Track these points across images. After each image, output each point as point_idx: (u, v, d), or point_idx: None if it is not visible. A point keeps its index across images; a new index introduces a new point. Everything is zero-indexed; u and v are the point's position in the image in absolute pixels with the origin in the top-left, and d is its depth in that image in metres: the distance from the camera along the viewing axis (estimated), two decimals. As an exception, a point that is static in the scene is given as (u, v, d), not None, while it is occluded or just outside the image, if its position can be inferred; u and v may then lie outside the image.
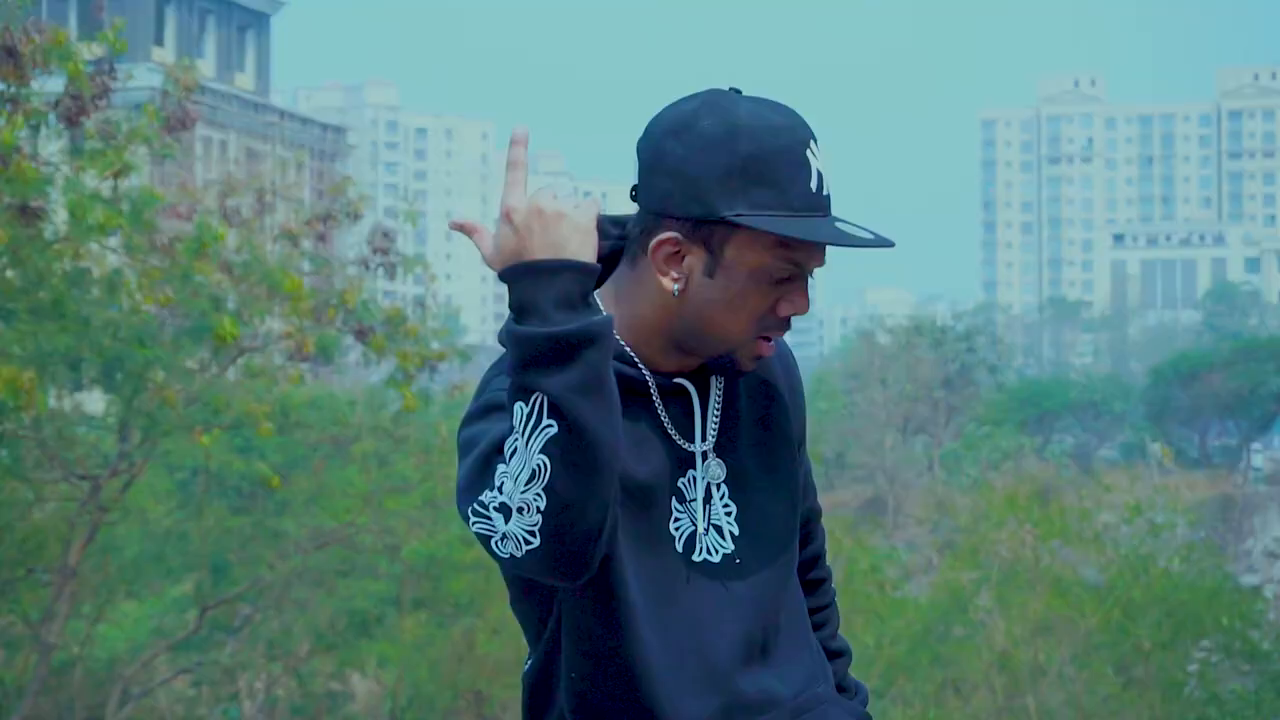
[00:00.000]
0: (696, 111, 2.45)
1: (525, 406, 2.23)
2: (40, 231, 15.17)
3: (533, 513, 2.21)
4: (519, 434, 2.23)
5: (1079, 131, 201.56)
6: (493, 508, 2.25)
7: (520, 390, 2.24)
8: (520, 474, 2.22)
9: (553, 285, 2.26)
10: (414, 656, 24.93)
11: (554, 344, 2.22)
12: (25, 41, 13.20)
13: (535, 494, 2.21)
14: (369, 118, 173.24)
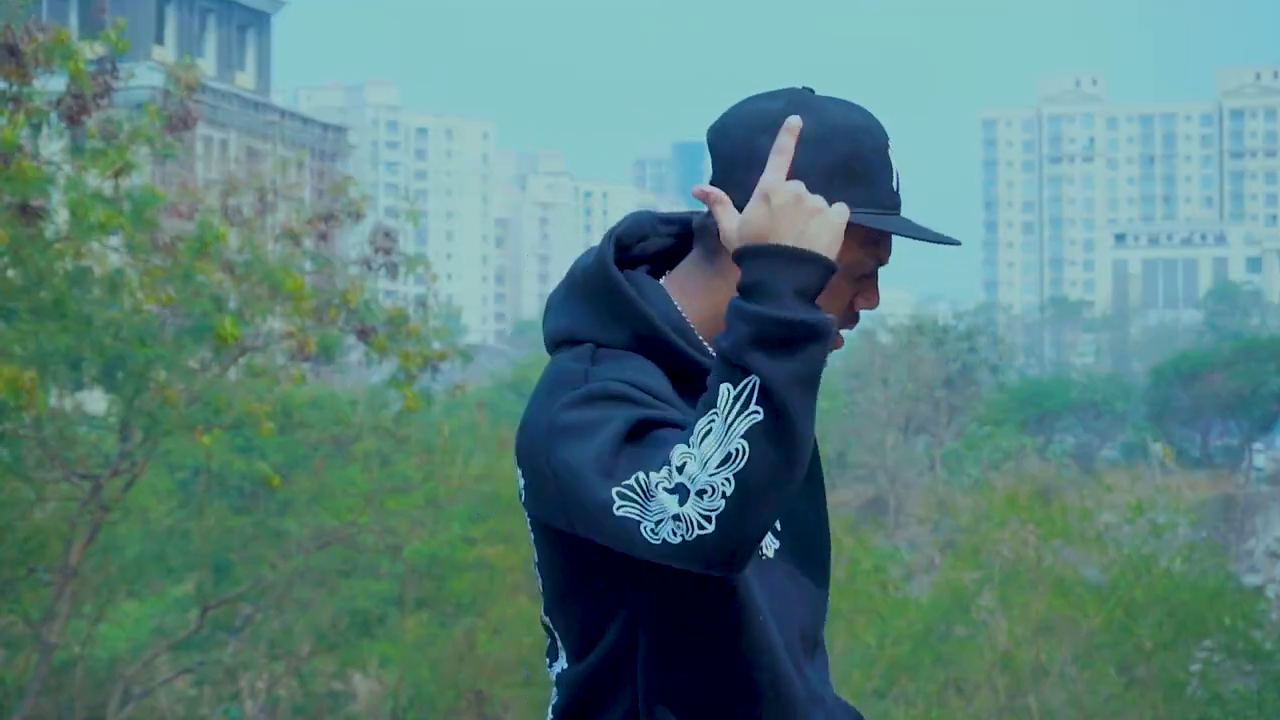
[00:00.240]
0: (791, 108, 2.44)
1: (734, 388, 2.17)
2: (41, 231, 15.15)
3: (716, 497, 2.14)
4: (719, 415, 2.16)
5: (1080, 131, 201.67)
6: (662, 489, 2.16)
7: (733, 370, 2.18)
8: (712, 457, 2.15)
9: (796, 273, 2.22)
10: (415, 656, 24.93)
11: (787, 330, 2.19)
12: (27, 40, 13.18)
13: (724, 479, 2.14)
14: (369, 117, 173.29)
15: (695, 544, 2.15)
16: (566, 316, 2.44)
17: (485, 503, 26.08)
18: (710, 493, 2.14)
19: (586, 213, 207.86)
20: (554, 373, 2.40)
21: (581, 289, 2.46)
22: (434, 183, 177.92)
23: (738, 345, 2.19)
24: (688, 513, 2.15)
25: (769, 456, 2.15)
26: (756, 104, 2.49)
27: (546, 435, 2.31)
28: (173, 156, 17.39)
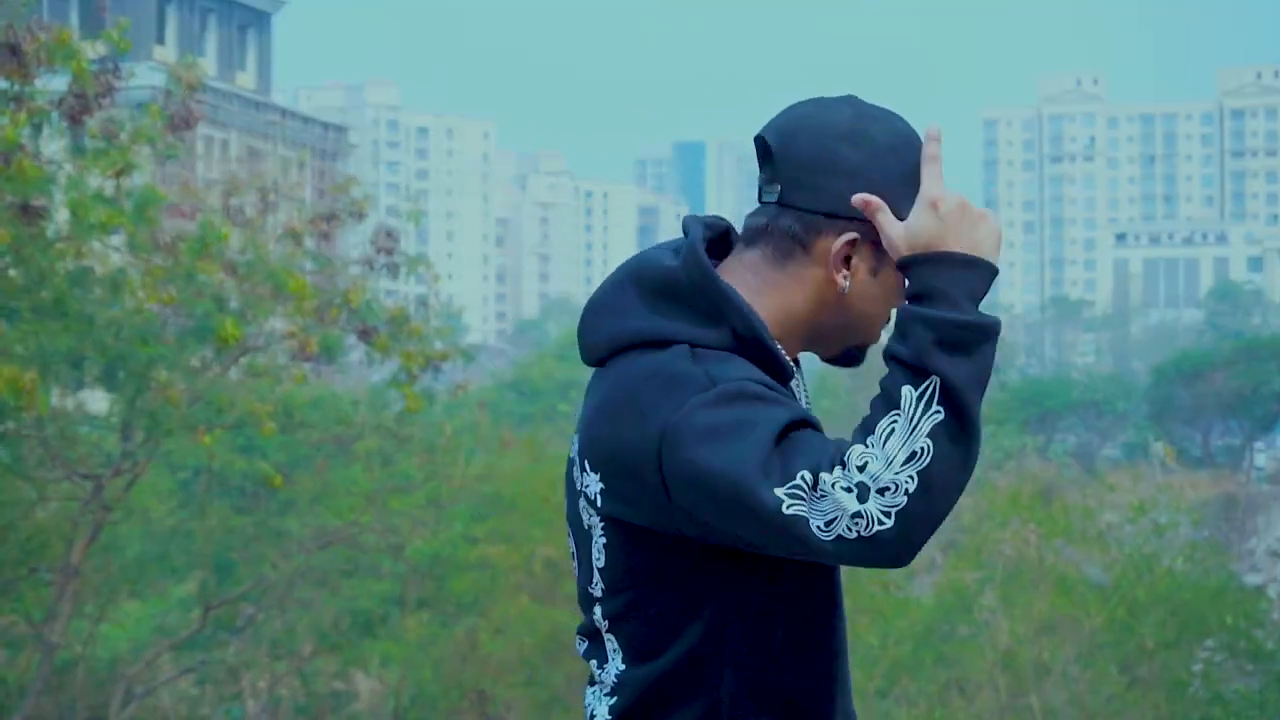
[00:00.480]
0: (861, 118, 2.50)
1: (915, 390, 2.27)
2: (43, 230, 15.16)
3: (899, 494, 2.22)
4: (902, 416, 2.26)
5: (1081, 131, 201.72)
6: (838, 488, 2.23)
7: (914, 373, 2.28)
8: (896, 455, 2.23)
9: (968, 278, 2.34)
10: (417, 656, 24.92)
11: (967, 332, 2.30)
12: (29, 39, 13.18)
13: (908, 476, 2.22)
14: (370, 117, 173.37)
15: (870, 539, 2.23)
16: (646, 318, 2.45)
17: (487, 502, 26.09)
18: (893, 490, 2.22)
19: (587, 212, 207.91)
20: (657, 373, 2.40)
21: (668, 289, 2.47)
22: (434, 182, 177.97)
23: (919, 349, 2.29)
24: (869, 509, 2.22)
25: (951, 454, 2.25)
26: (821, 111, 2.52)
27: (674, 437, 2.31)
28: (175, 157, 17.40)
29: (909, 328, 2.32)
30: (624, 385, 2.42)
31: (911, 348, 2.30)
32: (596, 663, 2.58)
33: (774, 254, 2.53)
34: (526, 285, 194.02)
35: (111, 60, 14.87)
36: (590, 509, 2.49)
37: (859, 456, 2.24)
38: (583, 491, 2.49)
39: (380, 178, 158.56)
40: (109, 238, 16.46)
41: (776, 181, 2.51)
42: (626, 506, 2.43)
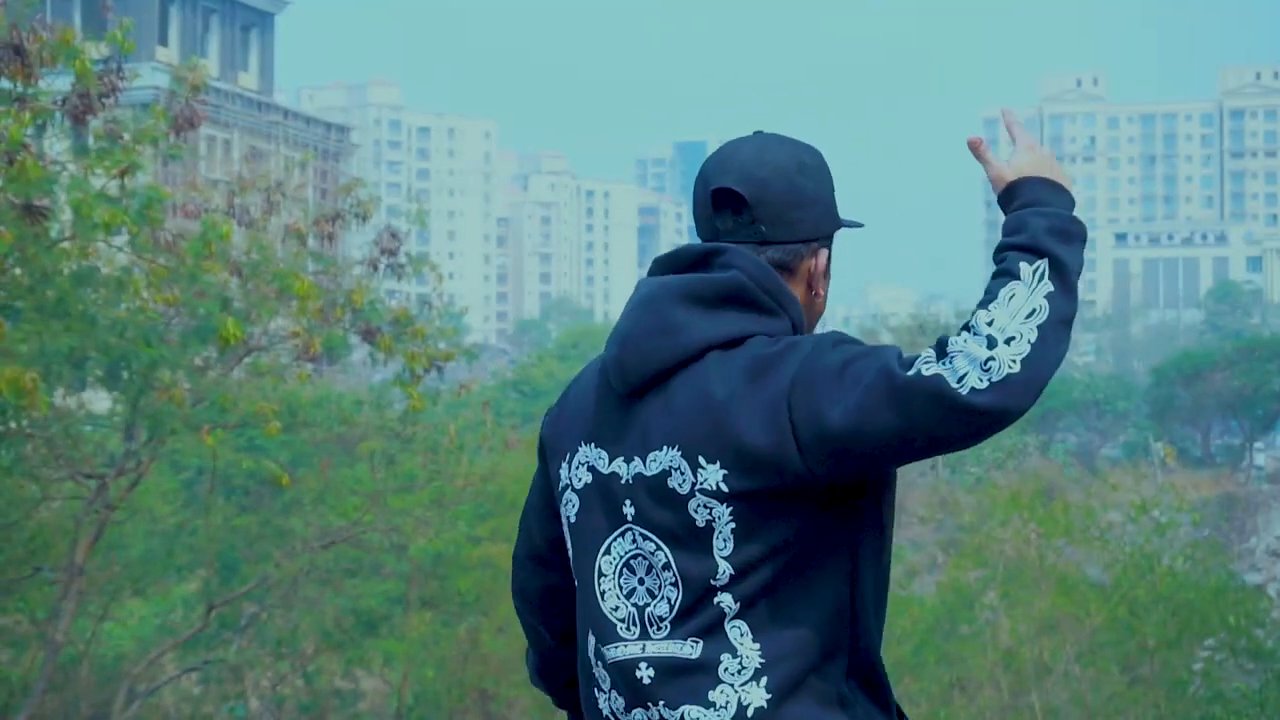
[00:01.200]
0: (797, 151, 2.88)
1: (1031, 265, 2.66)
2: (46, 230, 15.18)
3: (1023, 343, 2.58)
4: (1022, 283, 2.64)
5: (1081, 131, 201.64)
6: (969, 343, 2.57)
7: (1031, 252, 2.68)
8: (1020, 311, 2.60)
9: (1066, 200, 2.83)
10: (420, 655, 24.95)
11: (1073, 225, 2.75)
12: (33, 39, 13.21)
13: (1031, 328, 2.59)
14: (372, 117, 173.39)
15: (1003, 383, 2.55)
16: (714, 326, 2.73)
17: (490, 502, 26.12)
18: (1018, 339, 2.58)
19: (588, 212, 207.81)
20: (755, 359, 2.70)
21: (732, 295, 2.75)
22: (436, 182, 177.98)
23: (1035, 235, 2.71)
24: (999, 354, 2.57)
25: (1060, 315, 2.63)
26: (767, 155, 2.86)
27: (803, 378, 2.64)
28: (178, 158, 17.43)
29: (1025, 221, 2.75)
30: (722, 379, 2.69)
31: (1028, 235, 2.71)
32: (709, 657, 2.69)
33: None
34: (527, 285, 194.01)
35: (115, 60, 14.89)
36: (712, 501, 2.67)
37: (985, 316, 2.61)
38: (696, 492, 2.68)
39: (382, 177, 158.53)
40: (112, 238, 16.48)
41: (758, 224, 2.82)
42: (759, 476, 2.65)
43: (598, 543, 2.80)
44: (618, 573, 2.77)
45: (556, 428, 2.95)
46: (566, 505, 2.88)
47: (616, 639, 2.77)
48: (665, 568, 2.72)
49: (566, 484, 2.87)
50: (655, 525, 2.72)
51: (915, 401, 2.54)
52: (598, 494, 2.80)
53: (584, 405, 2.87)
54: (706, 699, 2.68)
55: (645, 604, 2.74)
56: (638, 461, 2.74)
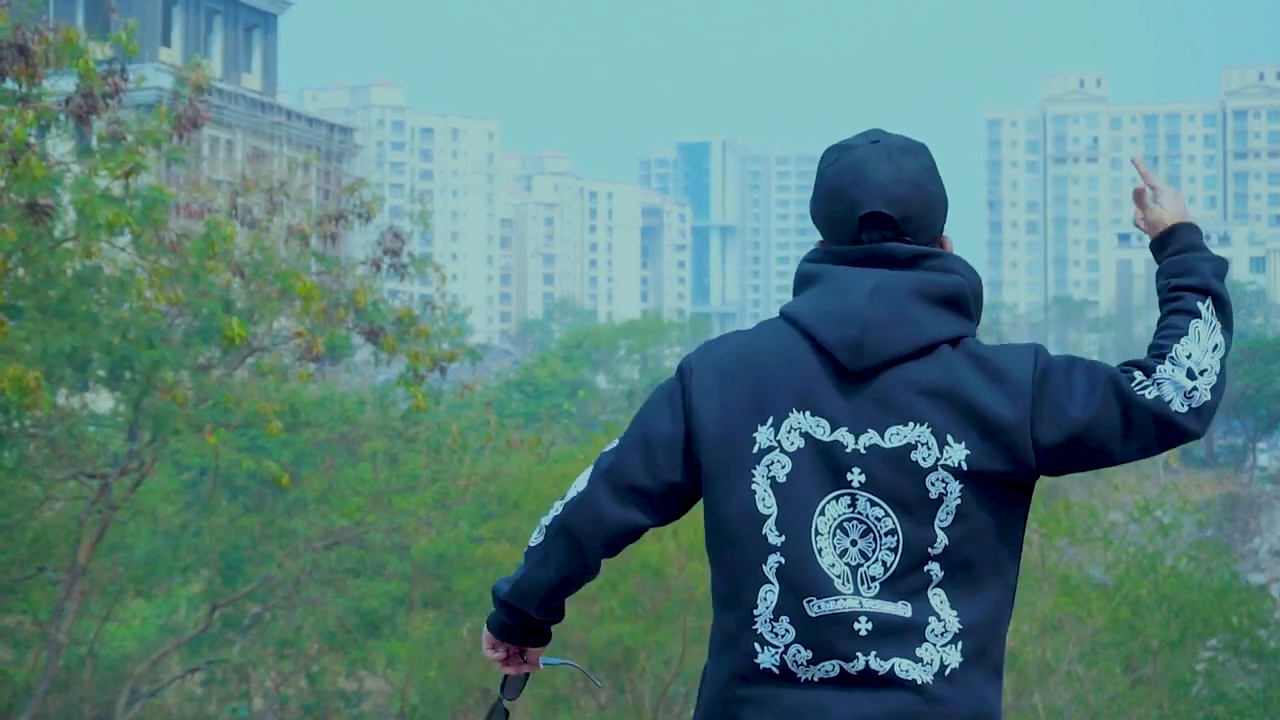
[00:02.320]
0: (920, 157, 3.22)
1: (1205, 305, 3.18)
2: (50, 230, 15.18)
3: (1212, 375, 3.11)
4: (1205, 321, 3.17)
5: (1084, 131, 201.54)
6: (1174, 373, 3.09)
7: (1203, 294, 3.20)
8: (1208, 346, 3.13)
9: (1205, 241, 3.34)
10: (423, 654, 24.94)
11: (1224, 267, 3.28)
12: (38, 40, 13.21)
13: (1215, 360, 3.13)
14: (375, 118, 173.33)
15: (1201, 408, 3.08)
16: (950, 323, 3.09)
17: (492, 501, 26.11)
18: (1209, 371, 3.11)
19: (591, 213, 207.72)
20: (984, 352, 3.09)
21: (954, 299, 3.11)
22: (439, 183, 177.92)
23: (1205, 278, 3.23)
24: (1198, 384, 3.09)
25: (1229, 346, 3.19)
26: (906, 168, 3.18)
27: (1041, 379, 3.08)
28: (181, 160, 17.43)
29: (1194, 265, 3.27)
30: (965, 373, 3.05)
31: (1200, 278, 3.23)
32: (918, 618, 3.01)
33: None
34: (531, 285, 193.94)
35: (119, 61, 14.90)
36: (949, 476, 3.01)
37: (1183, 350, 3.13)
38: (939, 466, 3.00)
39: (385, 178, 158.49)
40: (115, 238, 16.48)
41: (904, 234, 3.15)
42: (997, 461, 3.03)
43: (812, 503, 3.04)
44: (832, 533, 3.02)
45: (738, 392, 3.12)
46: (770, 465, 3.06)
47: (833, 593, 3.01)
48: (890, 533, 3.01)
49: (772, 446, 3.06)
50: (887, 493, 3.01)
51: (1139, 413, 3.06)
52: (815, 459, 3.04)
53: (788, 374, 3.09)
54: (915, 654, 3.00)
55: (858, 564, 3.02)
56: (872, 434, 3.02)
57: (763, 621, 3.03)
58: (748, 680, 3.05)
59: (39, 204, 14.09)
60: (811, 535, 3.01)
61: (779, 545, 3.03)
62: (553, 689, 23.44)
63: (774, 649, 3.02)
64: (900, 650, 2.98)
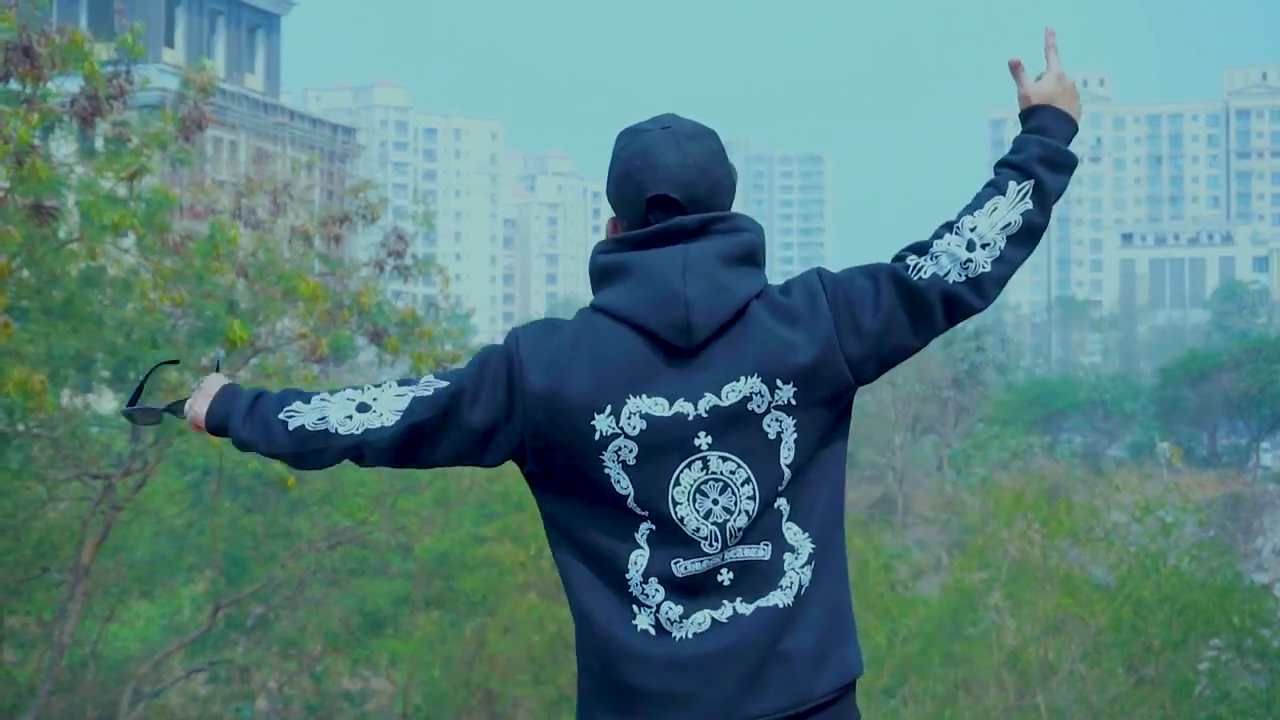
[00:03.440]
0: (708, 143, 3.34)
1: (1018, 185, 3.34)
2: (54, 231, 15.22)
3: (995, 249, 3.27)
4: (1005, 199, 3.33)
5: (1087, 131, 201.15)
6: (953, 245, 3.27)
7: (1021, 174, 3.35)
8: (998, 223, 3.29)
9: (1068, 130, 3.46)
10: (426, 655, 24.98)
11: (1063, 157, 3.40)
12: (43, 42, 13.24)
13: (1002, 237, 3.29)
14: (378, 118, 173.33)
15: (978, 279, 3.25)
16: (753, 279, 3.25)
17: (495, 501, 26.14)
18: (991, 245, 3.27)
19: (594, 213, 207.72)
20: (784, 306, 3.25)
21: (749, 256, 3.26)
22: (442, 183, 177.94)
23: (1028, 160, 3.36)
24: (976, 257, 3.26)
25: (1027, 229, 3.31)
26: (693, 154, 3.28)
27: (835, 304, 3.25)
28: (186, 163, 17.46)
29: (1025, 144, 3.40)
30: (775, 323, 3.20)
31: (1023, 158, 3.37)
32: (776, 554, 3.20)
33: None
34: (534, 286, 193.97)
35: (124, 64, 14.93)
36: (782, 414, 3.19)
37: (970, 222, 3.30)
38: (771, 409, 3.18)
39: (388, 178, 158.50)
40: (120, 239, 16.52)
41: (687, 214, 3.25)
42: (817, 389, 3.21)
43: (666, 477, 3.18)
44: (691, 499, 3.17)
45: (575, 385, 3.20)
46: (618, 451, 3.18)
47: (699, 555, 3.17)
48: (745, 483, 3.18)
49: (615, 433, 3.18)
50: (734, 446, 3.17)
51: (919, 298, 3.22)
52: (659, 436, 3.17)
53: (618, 363, 3.19)
54: (777, 584, 3.19)
55: (724, 520, 3.17)
56: (710, 397, 3.17)
57: (635, 585, 3.19)
58: (626, 644, 3.19)
59: (44, 205, 14.11)
60: (670, 506, 3.17)
61: (645, 515, 3.19)
62: (556, 689, 23.48)
63: (648, 609, 3.18)
64: (763, 588, 3.19)
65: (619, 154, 3.33)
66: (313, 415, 3.31)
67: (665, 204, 3.25)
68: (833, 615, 3.24)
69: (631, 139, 3.32)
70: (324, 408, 3.31)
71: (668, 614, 3.17)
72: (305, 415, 3.31)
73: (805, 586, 3.20)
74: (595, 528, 3.22)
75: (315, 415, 3.31)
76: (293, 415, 3.32)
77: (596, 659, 3.23)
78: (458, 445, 3.29)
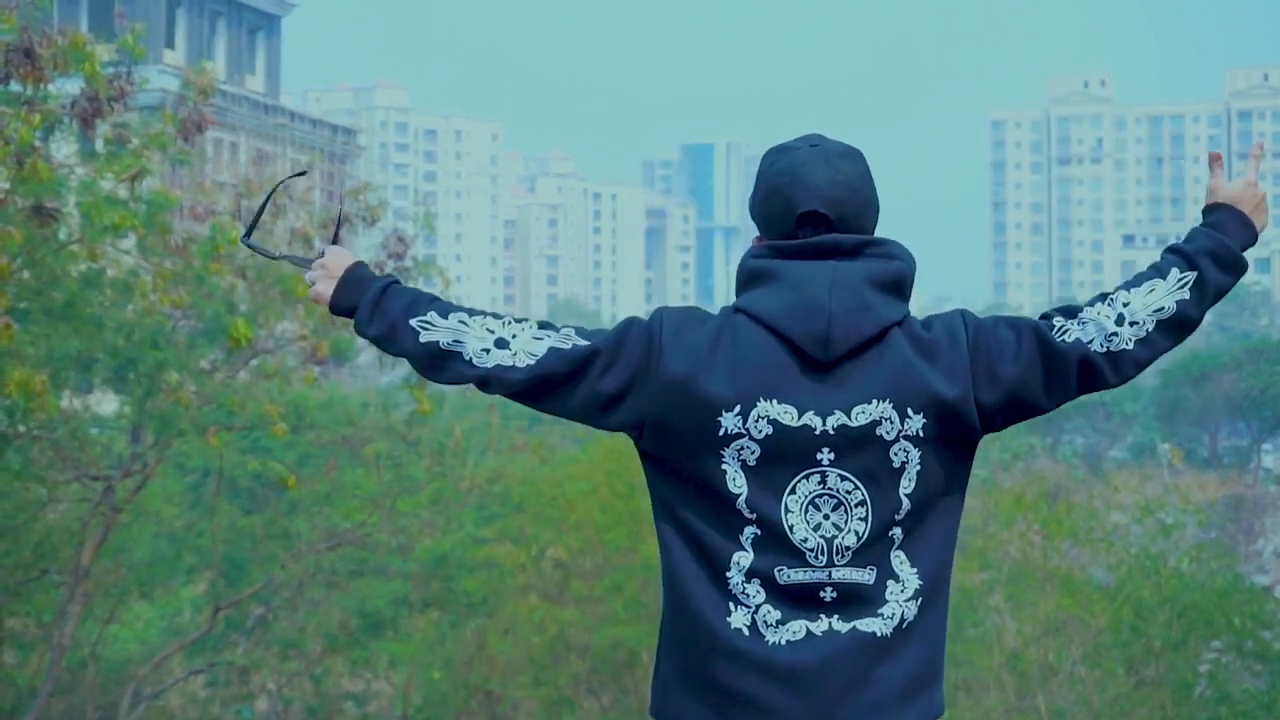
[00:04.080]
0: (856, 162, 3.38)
1: (1180, 273, 3.36)
2: (55, 232, 15.22)
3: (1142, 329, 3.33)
4: (1164, 283, 3.36)
5: (1088, 132, 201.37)
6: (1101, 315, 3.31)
7: (1188, 262, 3.37)
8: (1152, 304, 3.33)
9: (1245, 235, 3.43)
10: (426, 656, 24.97)
11: (1230, 256, 3.38)
12: (44, 44, 13.25)
13: (1152, 319, 3.33)
14: (379, 119, 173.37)
15: (1118, 354, 3.29)
16: (897, 306, 3.27)
17: (495, 503, 26.13)
18: (1140, 325, 3.30)
19: (595, 214, 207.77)
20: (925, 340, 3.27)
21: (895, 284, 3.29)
22: (443, 184, 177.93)
23: (1197, 251, 3.37)
24: (1122, 332, 3.30)
25: (1178, 318, 3.34)
26: (843, 171, 3.33)
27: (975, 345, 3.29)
28: (187, 164, 17.46)
29: (1197, 236, 3.40)
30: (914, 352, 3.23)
31: (1193, 248, 3.37)
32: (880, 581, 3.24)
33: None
34: (535, 287, 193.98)
35: (124, 65, 14.93)
36: (909, 445, 3.23)
37: (1124, 296, 3.34)
38: (900, 438, 3.22)
39: (389, 179, 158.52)
40: (120, 240, 16.52)
41: (835, 233, 3.30)
42: (949, 426, 3.25)
43: (782, 484, 3.22)
44: (803, 509, 3.22)
45: (709, 380, 3.25)
46: (740, 450, 3.23)
47: (804, 565, 3.22)
48: (860, 504, 3.23)
49: (740, 433, 3.23)
50: (856, 467, 3.22)
51: (1058, 361, 3.25)
52: (783, 443, 3.21)
53: (754, 364, 3.24)
54: (877, 612, 3.23)
55: (833, 536, 3.22)
56: (839, 415, 3.22)
57: (736, 583, 3.22)
58: (719, 639, 3.23)
59: (45, 207, 14.12)
60: (782, 513, 3.22)
61: (753, 519, 3.23)
62: (557, 690, 23.48)
63: (746, 609, 3.22)
64: (863, 612, 3.23)
65: (766, 171, 3.39)
66: (448, 336, 3.33)
67: (816, 220, 3.31)
68: (930, 654, 3.32)
69: (779, 156, 3.39)
70: (461, 331, 3.33)
71: (765, 616, 3.22)
72: (440, 332, 3.34)
73: (908, 620, 3.26)
74: (703, 520, 3.26)
75: (450, 336, 3.33)
76: (426, 327, 3.34)
77: (686, 647, 3.28)
78: (582, 404, 3.31)
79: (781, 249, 3.29)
